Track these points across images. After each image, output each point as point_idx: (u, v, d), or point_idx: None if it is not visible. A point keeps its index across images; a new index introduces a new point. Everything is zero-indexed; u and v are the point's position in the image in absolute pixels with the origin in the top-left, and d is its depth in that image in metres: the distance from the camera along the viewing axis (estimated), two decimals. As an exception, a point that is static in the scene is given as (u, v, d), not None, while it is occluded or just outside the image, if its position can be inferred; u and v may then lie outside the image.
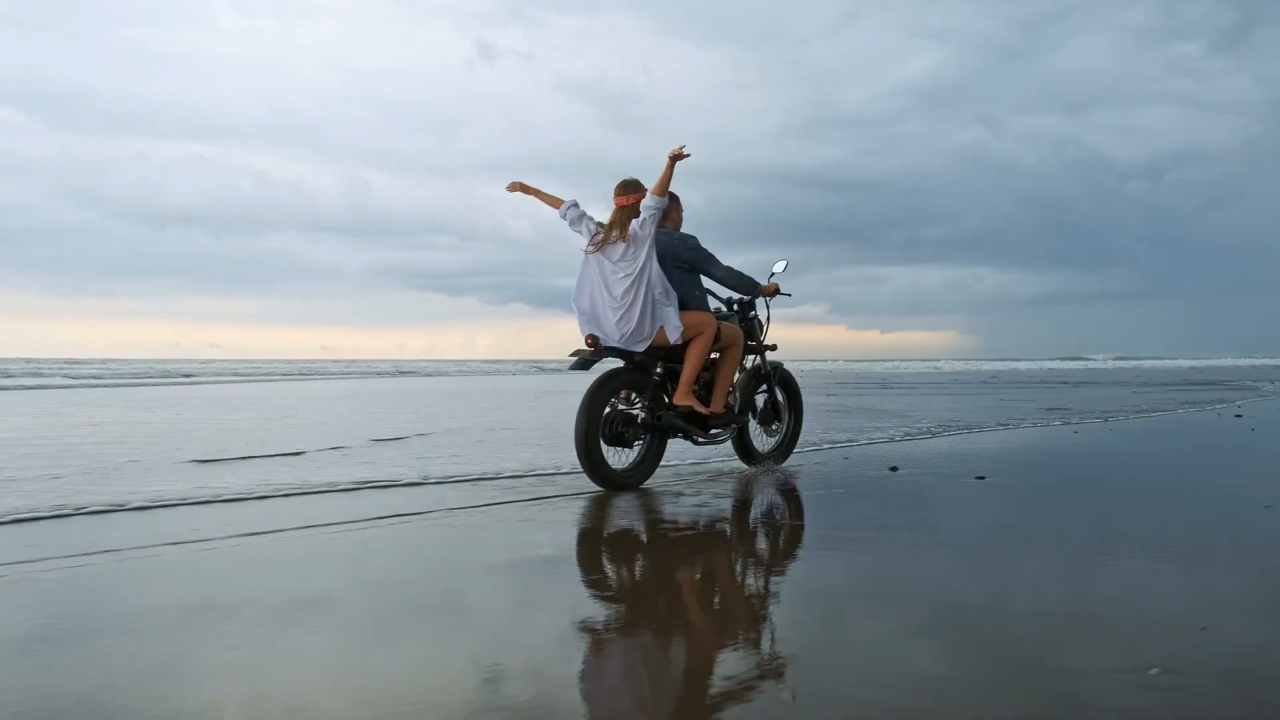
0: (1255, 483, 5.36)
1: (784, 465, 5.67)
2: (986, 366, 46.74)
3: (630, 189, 4.99)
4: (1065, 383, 21.83)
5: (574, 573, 3.27)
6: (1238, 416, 9.52)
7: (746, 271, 5.33)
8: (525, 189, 5.23)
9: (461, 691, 1.96)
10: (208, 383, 22.10)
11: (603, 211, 5.15)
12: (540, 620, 2.58)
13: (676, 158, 4.85)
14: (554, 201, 5.19)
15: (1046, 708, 1.81)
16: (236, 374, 28.62)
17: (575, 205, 5.14)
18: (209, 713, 1.85)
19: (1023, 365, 48.57)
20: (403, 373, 32.52)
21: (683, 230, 5.30)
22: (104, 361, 40.27)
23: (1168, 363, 52.75)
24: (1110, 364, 52.25)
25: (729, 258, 5.28)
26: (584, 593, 2.95)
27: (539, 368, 42.75)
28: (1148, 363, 52.55)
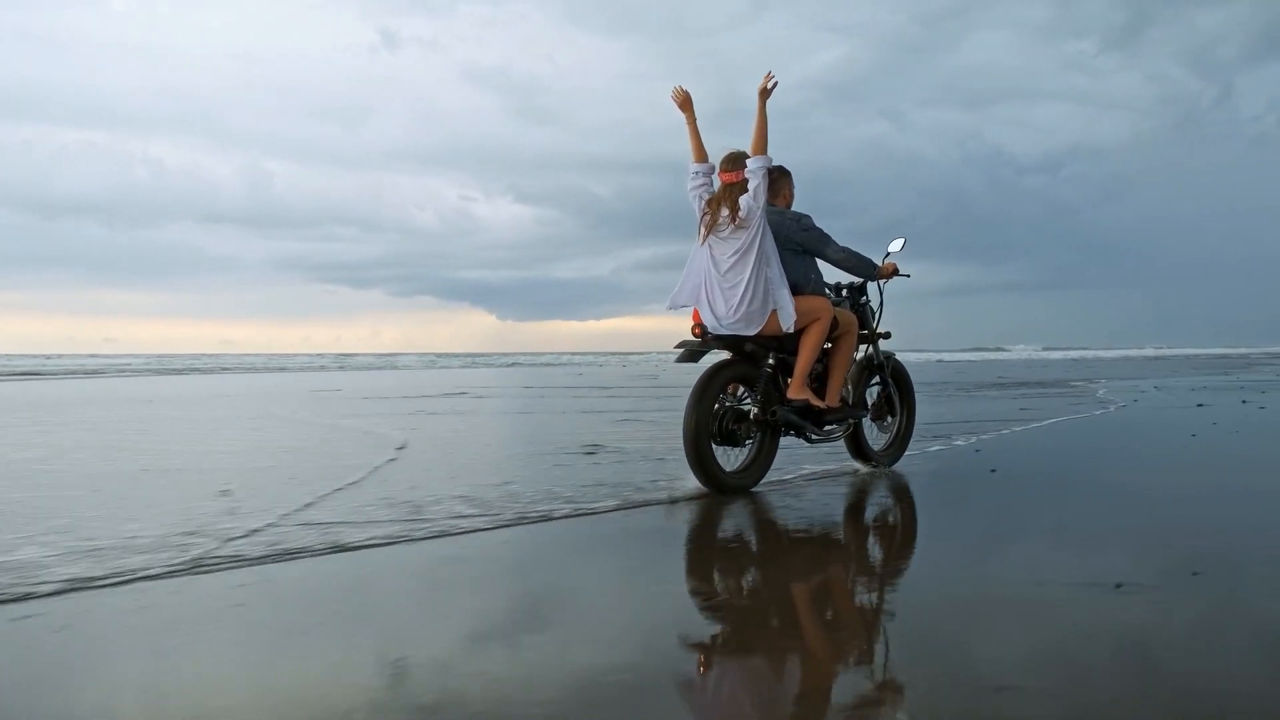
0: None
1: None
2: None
3: (739, 163, 4.64)
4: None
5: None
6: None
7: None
8: (687, 109, 4.76)
9: None
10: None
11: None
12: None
13: (766, 93, 4.58)
14: (697, 150, 4.80)
15: None
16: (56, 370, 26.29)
17: (709, 173, 4.75)
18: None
19: (916, 357, 50.34)
20: (239, 369, 30.36)
21: (795, 208, 4.99)
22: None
23: (1073, 354, 55.54)
24: (1021, 355, 54.68)
25: (644, 247, 4.96)
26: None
27: (388, 361, 41.50)
28: (1057, 354, 55.11)
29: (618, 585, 3.10)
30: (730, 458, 4.72)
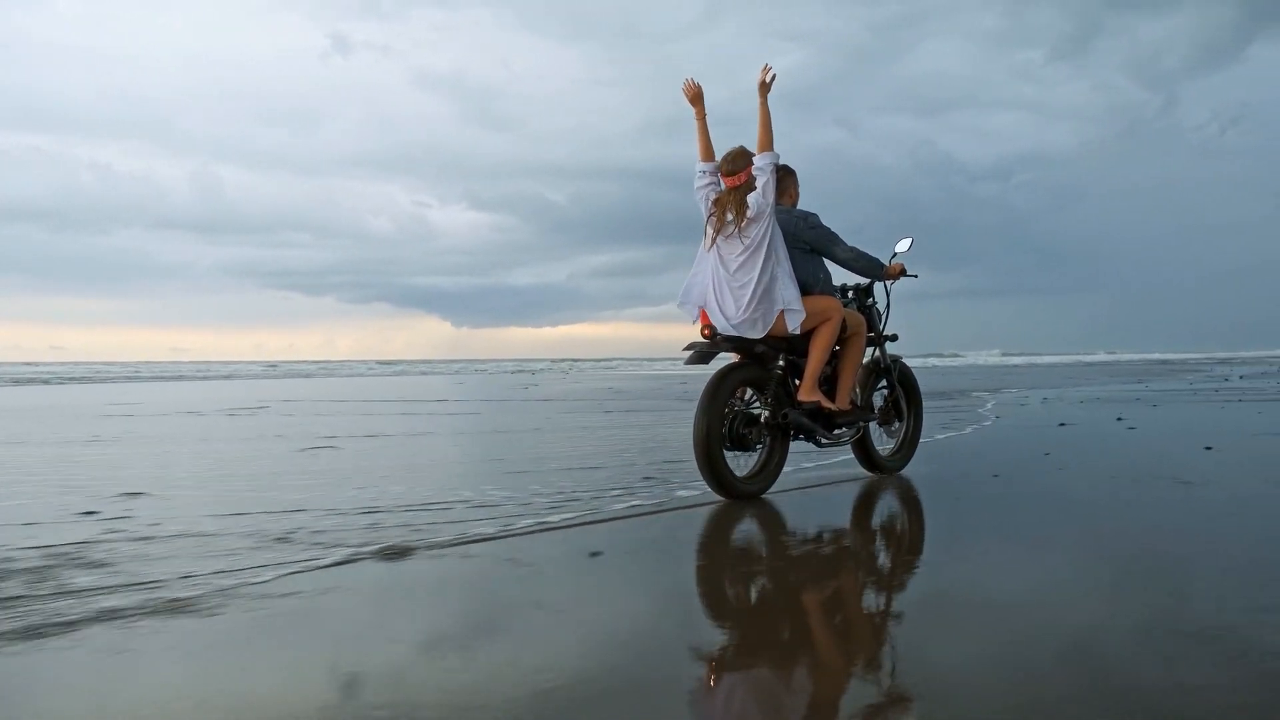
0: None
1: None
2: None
3: (740, 162, 4.57)
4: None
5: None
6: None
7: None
8: (697, 104, 4.70)
9: None
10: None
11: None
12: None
13: (766, 87, 4.59)
14: (704, 148, 4.74)
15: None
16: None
17: (716, 172, 4.68)
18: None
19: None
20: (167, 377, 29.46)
21: (800, 207, 4.96)
22: None
23: (1020, 359, 56.35)
24: (973, 361, 55.43)
25: (600, 253, 4.79)
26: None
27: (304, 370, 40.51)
28: (1010, 360, 55.73)
29: None
30: (739, 463, 4.66)
